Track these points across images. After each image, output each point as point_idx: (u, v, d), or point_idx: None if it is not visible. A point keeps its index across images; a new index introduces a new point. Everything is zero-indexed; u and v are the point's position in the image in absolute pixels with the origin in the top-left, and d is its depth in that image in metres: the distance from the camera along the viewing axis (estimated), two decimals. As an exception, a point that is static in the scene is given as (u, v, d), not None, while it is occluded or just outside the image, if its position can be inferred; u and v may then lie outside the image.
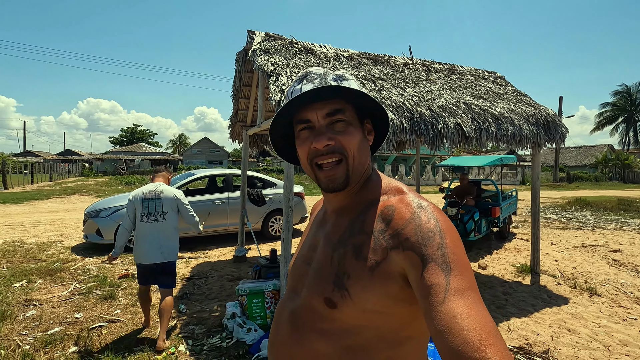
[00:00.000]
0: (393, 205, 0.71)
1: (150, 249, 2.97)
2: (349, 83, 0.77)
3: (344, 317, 0.70)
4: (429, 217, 0.66)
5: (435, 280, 0.59)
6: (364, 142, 0.77)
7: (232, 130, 5.98)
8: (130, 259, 5.41)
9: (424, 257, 0.61)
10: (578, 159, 40.44)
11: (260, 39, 4.08)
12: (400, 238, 0.66)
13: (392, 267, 0.66)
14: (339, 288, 0.70)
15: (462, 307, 0.55)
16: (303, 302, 0.78)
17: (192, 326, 3.32)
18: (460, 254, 0.63)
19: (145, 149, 46.28)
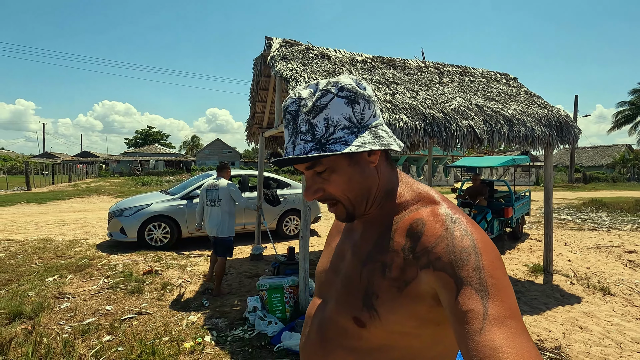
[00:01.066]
0: (423, 220, 0.66)
1: (210, 225, 4.11)
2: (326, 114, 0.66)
3: (371, 337, 0.69)
4: (463, 234, 0.61)
5: (471, 306, 0.54)
6: (355, 177, 0.70)
7: (248, 133, 6.18)
8: (153, 256, 5.66)
9: (458, 279, 0.57)
10: (594, 159, 39.58)
11: (278, 45, 4.26)
12: (431, 257, 0.61)
13: (422, 287, 0.63)
14: (367, 308, 0.68)
15: (502, 338, 0.50)
16: (331, 315, 0.76)
17: (215, 319, 3.51)
18: (500, 276, 0.57)
19: (159, 150, 47.18)
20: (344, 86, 0.67)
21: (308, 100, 0.67)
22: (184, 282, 4.59)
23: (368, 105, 0.69)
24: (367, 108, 0.69)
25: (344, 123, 0.66)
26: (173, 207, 6.39)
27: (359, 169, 0.70)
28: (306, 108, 0.66)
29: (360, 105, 0.68)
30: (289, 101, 0.69)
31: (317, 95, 0.67)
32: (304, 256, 3.54)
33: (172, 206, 6.40)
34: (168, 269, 5.07)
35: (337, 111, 0.66)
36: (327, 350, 0.74)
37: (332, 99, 0.66)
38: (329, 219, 9.91)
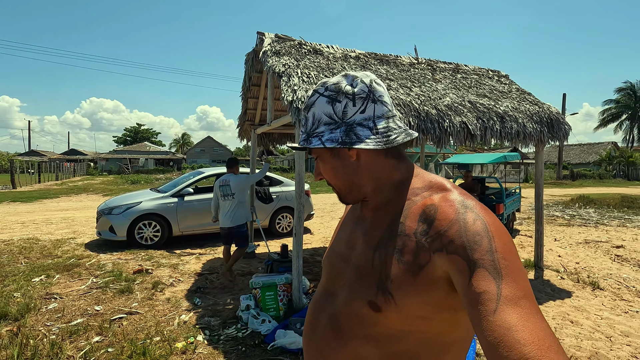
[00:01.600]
0: (435, 205, 0.68)
1: (224, 218, 4.39)
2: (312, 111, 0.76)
3: (389, 322, 0.69)
4: (475, 217, 0.62)
5: (484, 287, 0.55)
6: (337, 168, 0.77)
7: (240, 129, 6.11)
8: (143, 255, 5.57)
9: (471, 262, 0.58)
10: (582, 156, 40.32)
11: (270, 40, 4.20)
12: (444, 240, 0.63)
13: (436, 271, 0.63)
14: (383, 292, 0.68)
15: (517, 317, 0.51)
16: (344, 305, 0.76)
17: (207, 318, 3.46)
18: (512, 258, 0.58)
19: (149, 148, 46.55)
20: (328, 86, 0.75)
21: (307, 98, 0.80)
22: (176, 281, 4.52)
23: (352, 102, 0.74)
24: (350, 106, 0.73)
25: (325, 119, 0.75)
26: (164, 205, 6.29)
27: (340, 161, 0.77)
28: (303, 106, 0.80)
29: (342, 103, 0.74)
30: (306, 101, 0.80)
31: (308, 95, 0.79)
32: (298, 254, 3.51)
33: (162, 204, 6.30)
34: (159, 268, 4.99)
35: (320, 109, 0.75)
36: (342, 341, 0.74)
37: (318, 98, 0.76)
38: (322, 216, 9.89)
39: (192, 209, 6.47)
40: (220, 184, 4.41)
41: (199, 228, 6.58)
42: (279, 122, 4.33)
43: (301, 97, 3.24)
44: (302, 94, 3.26)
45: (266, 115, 5.70)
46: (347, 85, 0.74)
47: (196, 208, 6.50)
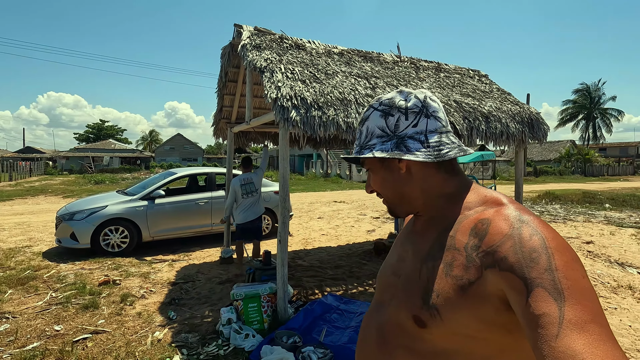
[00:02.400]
0: (488, 219, 0.65)
1: (247, 213, 4.67)
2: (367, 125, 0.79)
3: (434, 339, 0.66)
4: (532, 233, 0.59)
5: (544, 309, 0.51)
6: (387, 180, 0.78)
7: (215, 128, 5.78)
8: (110, 264, 5.14)
9: (528, 280, 0.54)
10: (543, 154, 42.52)
11: (249, 33, 3.94)
12: (496, 256, 0.59)
13: (488, 288, 0.60)
14: (427, 307, 0.66)
15: (583, 344, 0.46)
16: (390, 316, 0.75)
17: (184, 334, 3.17)
18: (577, 277, 0.53)
19: (114, 146, 44.33)
20: (383, 101, 0.78)
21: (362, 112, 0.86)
22: (147, 292, 4.18)
23: (405, 116, 0.75)
24: (402, 119, 0.75)
25: (378, 132, 0.77)
26: (132, 209, 5.85)
27: (390, 173, 0.78)
28: (360, 118, 0.83)
29: (393, 117, 0.75)
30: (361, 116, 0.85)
31: (365, 109, 0.81)
32: (283, 261, 3.30)
33: (131, 208, 5.85)
34: (128, 278, 4.60)
35: (374, 122, 0.77)
36: (386, 351, 0.73)
37: (372, 113, 0.78)
38: (300, 216, 9.69)
39: (164, 213, 6.07)
40: (242, 183, 4.67)
41: (171, 232, 6.19)
42: (260, 120, 4.08)
43: (286, 94, 3.02)
44: (286, 91, 3.04)
45: (244, 113, 5.42)
46: (401, 100, 0.76)
47: (168, 211, 6.10)
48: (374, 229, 7.99)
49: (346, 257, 5.66)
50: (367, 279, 4.65)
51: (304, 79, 3.33)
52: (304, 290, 4.20)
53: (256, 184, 4.76)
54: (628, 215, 9.76)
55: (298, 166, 33.79)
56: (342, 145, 6.69)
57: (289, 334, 2.93)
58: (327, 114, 3.06)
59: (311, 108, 3.03)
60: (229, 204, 4.76)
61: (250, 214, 4.70)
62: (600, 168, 35.60)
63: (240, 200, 4.67)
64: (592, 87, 43.59)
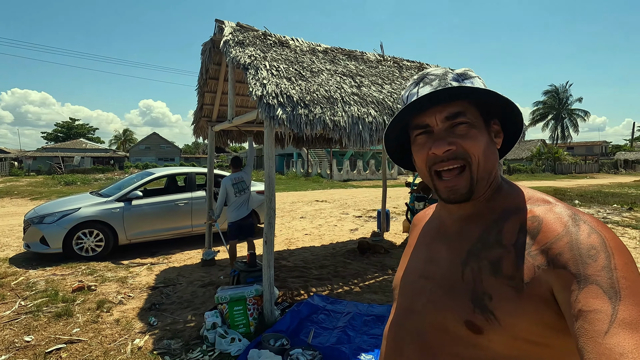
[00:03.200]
0: (540, 217, 0.60)
1: (240, 210, 4.69)
2: (472, 81, 0.67)
3: (492, 345, 0.59)
4: (590, 231, 0.55)
5: (596, 305, 0.48)
6: (491, 146, 0.66)
7: (195, 126, 5.62)
8: (84, 269, 4.89)
9: (582, 277, 0.50)
10: (516, 152, 44.05)
11: (231, 29, 3.83)
12: (551, 254, 0.55)
13: (543, 288, 0.56)
14: (481, 310, 0.60)
15: (634, 344, 0.43)
16: (432, 322, 0.67)
17: (167, 340, 3.05)
18: (636, 279, 0.50)
19: (85, 145, 42.55)
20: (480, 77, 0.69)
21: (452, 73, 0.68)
22: (125, 297, 4.00)
23: None
24: None
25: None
26: (107, 211, 5.60)
27: (491, 141, 0.67)
28: (456, 71, 0.68)
29: None
30: (431, 68, 0.70)
31: (465, 69, 0.69)
32: (269, 262, 3.23)
33: (106, 210, 5.60)
34: (104, 283, 4.40)
35: (481, 86, 0.66)
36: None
37: (476, 77, 0.68)
38: (282, 216, 9.60)
39: (142, 214, 5.84)
40: (233, 182, 4.69)
41: (150, 235, 5.97)
42: (242, 119, 3.99)
43: (271, 91, 2.95)
44: (272, 89, 2.97)
45: (225, 111, 5.29)
46: None
47: (146, 213, 5.88)
48: (357, 228, 8.02)
49: (330, 257, 5.64)
50: (352, 278, 4.64)
51: (289, 76, 3.27)
52: (290, 291, 4.14)
53: (247, 181, 4.81)
54: (596, 211, 10.24)
55: (278, 165, 33.56)
56: (326, 144, 6.66)
57: (277, 337, 2.87)
58: (314, 112, 3.02)
59: (297, 106, 2.98)
60: (220, 204, 4.71)
61: (244, 210, 4.75)
62: (568, 166, 37.26)
63: (232, 199, 4.68)
64: (561, 88, 45.62)
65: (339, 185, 20.98)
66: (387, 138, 0.74)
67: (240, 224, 4.74)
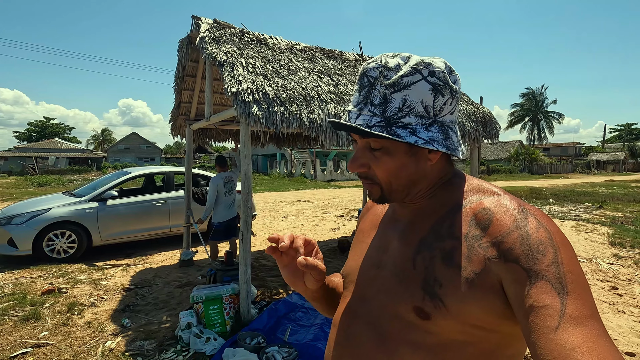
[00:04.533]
0: (490, 209, 0.61)
1: (230, 210, 4.75)
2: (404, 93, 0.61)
3: (440, 330, 0.61)
4: (538, 225, 0.57)
5: (546, 301, 0.50)
6: (408, 167, 0.66)
7: (173, 125, 5.52)
8: (55, 271, 4.73)
9: (533, 272, 0.52)
10: (495, 153, 45.26)
11: (207, 25, 3.79)
12: (502, 247, 0.57)
13: (492, 279, 0.57)
14: (430, 297, 0.61)
15: (582, 338, 0.46)
16: (384, 309, 0.68)
17: (140, 342, 2.99)
18: (580, 273, 0.53)
19: (60, 145, 41.12)
20: (435, 71, 0.62)
21: (393, 72, 0.62)
22: (98, 299, 3.89)
23: (451, 100, 0.64)
24: (449, 103, 0.64)
25: (419, 110, 0.62)
26: (81, 212, 5.43)
27: (415, 161, 0.66)
28: (388, 80, 0.62)
29: (444, 97, 0.63)
30: (372, 64, 0.64)
31: (404, 71, 0.62)
32: (245, 260, 3.21)
33: (79, 210, 5.43)
34: (76, 286, 4.26)
35: (419, 96, 0.62)
36: (389, 348, 0.65)
37: (419, 81, 0.61)
38: (263, 216, 9.54)
39: (118, 215, 5.69)
40: (225, 181, 4.69)
41: (126, 236, 5.83)
42: (220, 117, 3.95)
43: (247, 88, 2.94)
44: (247, 85, 2.96)
45: (203, 110, 5.22)
46: (453, 77, 0.64)
47: (122, 213, 5.74)
48: (338, 227, 8.05)
49: (311, 256, 5.64)
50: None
51: (265, 73, 3.26)
52: (268, 290, 4.12)
53: (235, 182, 4.87)
54: (569, 209, 10.63)
55: (262, 166, 33.34)
56: (306, 144, 6.67)
57: (253, 335, 2.85)
58: (290, 110, 3.02)
59: (273, 103, 2.97)
60: (210, 204, 4.62)
61: (233, 210, 4.81)
62: (544, 166, 38.54)
63: (222, 198, 4.67)
64: (537, 91, 47.19)
65: (323, 185, 21.02)
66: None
67: (229, 224, 4.76)
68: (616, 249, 5.94)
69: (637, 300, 3.92)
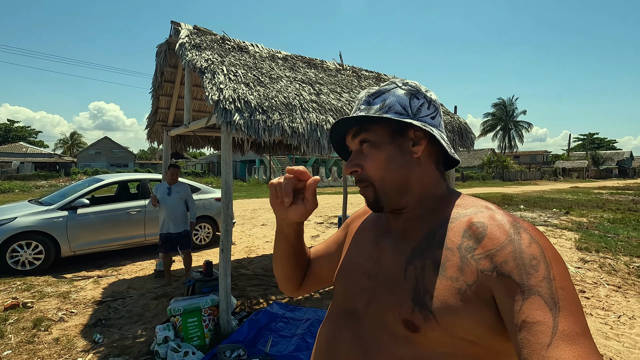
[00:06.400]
0: (484, 222, 0.62)
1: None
2: (384, 97, 0.72)
3: (428, 343, 0.61)
4: (530, 240, 0.58)
5: (538, 317, 0.50)
6: (396, 160, 0.70)
7: (150, 131, 5.38)
8: (19, 284, 4.46)
9: (526, 287, 0.53)
10: (469, 160, 46.76)
11: (187, 31, 3.73)
12: (495, 260, 0.57)
13: (485, 292, 0.58)
14: (420, 308, 0.61)
15: (573, 356, 0.47)
16: (372, 321, 0.67)
17: (113, 358, 2.85)
18: (571, 289, 0.53)
19: (25, 150, 39.11)
20: (408, 82, 0.73)
21: (373, 88, 0.74)
22: (67, 314, 3.69)
23: (428, 105, 0.72)
24: (425, 107, 0.71)
25: (398, 108, 0.70)
26: (48, 221, 5.16)
27: (400, 152, 0.70)
28: (371, 91, 0.74)
29: (419, 100, 0.71)
30: (361, 94, 0.76)
31: (383, 84, 0.74)
32: (225, 271, 3.14)
33: (46, 219, 5.16)
34: (42, 300, 4.03)
35: (395, 98, 0.71)
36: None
37: (395, 88, 0.72)
38: (242, 224, 9.40)
39: (89, 224, 5.44)
40: None
41: (97, 246, 5.58)
42: (199, 123, 3.88)
43: (228, 96, 2.91)
44: (229, 93, 2.93)
45: (182, 116, 5.12)
46: (426, 90, 0.73)
47: (94, 222, 5.49)
48: (318, 234, 8.04)
49: (291, 264, 5.59)
50: (313, 284, 4.64)
51: (247, 81, 3.24)
52: (248, 300, 4.05)
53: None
54: (538, 215, 11.09)
55: (240, 172, 32.92)
56: (286, 151, 6.66)
57: (233, 348, 2.79)
58: (272, 118, 3.01)
59: (255, 112, 2.95)
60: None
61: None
62: (515, 173, 40.12)
63: None
64: (508, 102, 49.27)
65: (302, 192, 20.94)
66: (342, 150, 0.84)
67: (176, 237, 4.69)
68: (582, 254, 6.24)
69: (603, 302, 4.13)
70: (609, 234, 7.83)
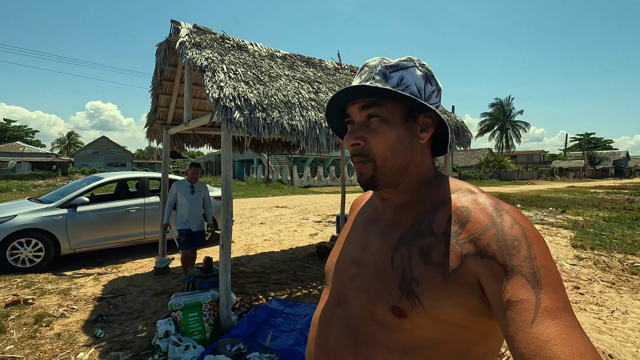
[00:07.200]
0: (467, 207, 0.64)
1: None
2: (402, 74, 0.69)
3: (416, 329, 0.62)
4: (512, 222, 0.59)
5: (522, 296, 0.52)
6: (404, 141, 0.69)
7: (149, 129, 5.41)
8: (20, 281, 4.49)
9: (509, 268, 0.54)
10: (466, 160, 46.97)
11: (187, 30, 3.77)
12: (479, 244, 0.58)
13: (469, 275, 0.59)
14: (407, 295, 0.62)
15: (556, 330, 0.48)
16: (361, 311, 0.68)
17: (114, 352, 2.89)
18: (552, 267, 0.55)
19: (22, 149, 38.99)
20: (425, 64, 0.72)
21: (391, 60, 0.71)
22: (68, 310, 3.73)
23: (437, 92, 0.72)
24: (435, 94, 0.71)
25: (414, 90, 0.68)
26: (48, 219, 5.18)
27: (409, 136, 0.70)
28: (389, 63, 0.70)
29: (432, 86, 0.71)
30: (371, 59, 0.72)
31: (400, 59, 0.71)
32: (225, 267, 3.19)
33: (46, 217, 5.19)
34: (43, 296, 4.06)
35: (413, 78, 0.69)
36: (362, 352, 0.66)
37: (413, 66, 0.70)
38: (241, 222, 9.44)
39: (88, 222, 5.47)
40: None
41: (97, 244, 5.61)
42: (199, 122, 3.92)
43: (228, 94, 2.95)
44: (229, 92, 2.97)
45: (181, 114, 5.16)
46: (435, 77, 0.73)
47: (93, 220, 5.52)
48: (317, 233, 8.09)
49: (289, 262, 5.64)
50: (311, 281, 4.69)
51: (247, 80, 3.29)
52: (248, 296, 4.09)
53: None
54: (535, 214, 11.18)
55: (238, 172, 32.92)
56: (285, 150, 6.70)
57: (233, 342, 2.83)
58: (272, 116, 3.05)
59: (255, 109, 3.00)
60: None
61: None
62: (512, 173, 40.33)
63: None
64: (505, 102, 49.46)
65: (300, 191, 21.02)
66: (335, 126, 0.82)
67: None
68: (578, 251, 6.32)
69: (597, 298, 4.20)
70: (604, 232, 7.92)
